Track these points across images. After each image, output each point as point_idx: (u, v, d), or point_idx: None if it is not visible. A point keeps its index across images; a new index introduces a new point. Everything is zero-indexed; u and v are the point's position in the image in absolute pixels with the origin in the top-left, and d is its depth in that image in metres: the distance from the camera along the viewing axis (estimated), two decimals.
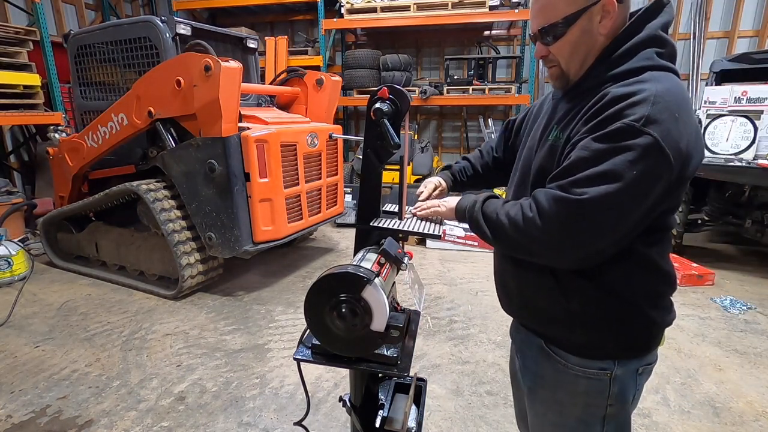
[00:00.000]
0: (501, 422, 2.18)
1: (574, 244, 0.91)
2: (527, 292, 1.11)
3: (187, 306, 3.48)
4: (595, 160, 0.87)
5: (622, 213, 0.86)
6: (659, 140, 0.83)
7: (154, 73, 3.33)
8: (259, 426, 2.16)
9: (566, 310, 1.02)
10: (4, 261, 3.88)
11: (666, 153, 0.84)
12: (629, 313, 1.01)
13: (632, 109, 0.85)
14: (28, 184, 6.06)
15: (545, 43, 1.01)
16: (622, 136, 0.85)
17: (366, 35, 8.01)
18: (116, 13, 7.46)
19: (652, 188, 0.86)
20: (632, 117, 0.84)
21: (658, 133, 0.83)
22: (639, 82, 0.89)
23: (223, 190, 3.28)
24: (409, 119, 1.27)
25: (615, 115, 0.86)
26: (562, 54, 1.01)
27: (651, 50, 0.94)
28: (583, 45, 0.98)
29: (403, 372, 1.04)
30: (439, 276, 4.10)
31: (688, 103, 0.90)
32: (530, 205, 0.95)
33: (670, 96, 0.87)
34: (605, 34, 0.96)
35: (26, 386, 2.47)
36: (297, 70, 4.38)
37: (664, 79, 0.90)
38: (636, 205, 0.87)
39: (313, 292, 0.98)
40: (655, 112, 0.84)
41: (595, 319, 1.01)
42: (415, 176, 6.26)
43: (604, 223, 0.87)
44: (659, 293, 1.04)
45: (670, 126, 0.84)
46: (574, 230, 0.89)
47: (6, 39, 4.64)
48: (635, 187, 0.85)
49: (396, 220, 1.27)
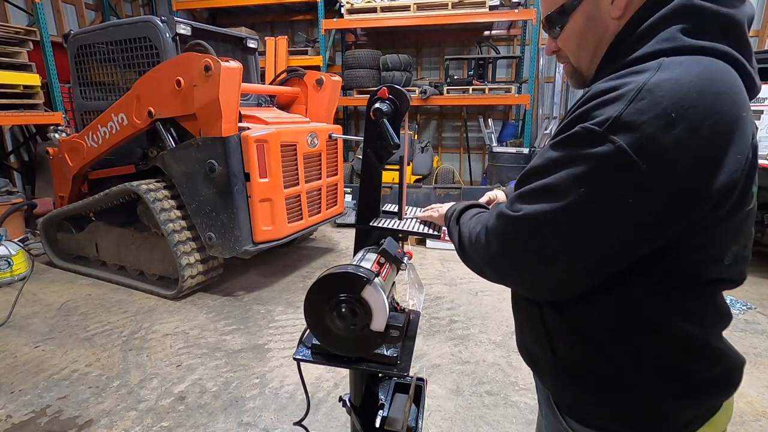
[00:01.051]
0: (501, 422, 2.18)
1: (513, 266, 0.77)
2: (523, 330, 0.96)
3: (187, 306, 3.48)
4: (544, 171, 0.72)
5: (567, 239, 0.69)
6: (626, 150, 0.62)
7: (154, 73, 3.33)
8: (259, 426, 2.16)
9: (552, 357, 0.85)
10: (4, 261, 3.88)
11: (638, 167, 0.62)
12: (623, 380, 0.78)
13: (602, 109, 0.66)
14: (28, 184, 6.06)
15: (553, 36, 0.87)
16: (577, 143, 0.67)
17: (366, 35, 8.01)
18: (116, 13, 7.46)
19: (612, 211, 0.65)
20: (596, 119, 0.65)
21: (627, 140, 0.62)
22: (635, 72, 0.68)
23: (223, 190, 3.28)
24: (409, 119, 1.27)
25: (579, 117, 0.69)
26: (568, 47, 0.85)
27: (675, 27, 0.70)
28: (590, 34, 0.80)
29: (403, 372, 1.04)
30: (439, 276, 4.10)
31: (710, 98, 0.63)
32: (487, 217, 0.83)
33: (673, 89, 0.63)
34: (619, 18, 0.75)
35: (26, 386, 2.47)
36: (297, 70, 4.38)
37: (680, 66, 0.65)
38: (589, 232, 0.67)
39: (313, 292, 0.98)
40: (632, 112, 0.63)
41: (582, 375, 0.81)
42: (415, 176, 6.26)
43: (545, 248, 0.71)
44: (677, 366, 0.76)
45: (654, 130, 0.62)
46: (511, 251, 0.75)
47: (6, 39, 4.64)
48: (582, 209, 0.66)
49: (396, 220, 1.27)
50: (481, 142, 7.59)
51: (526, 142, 6.46)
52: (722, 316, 0.79)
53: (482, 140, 7.29)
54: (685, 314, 0.74)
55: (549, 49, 0.90)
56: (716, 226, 0.68)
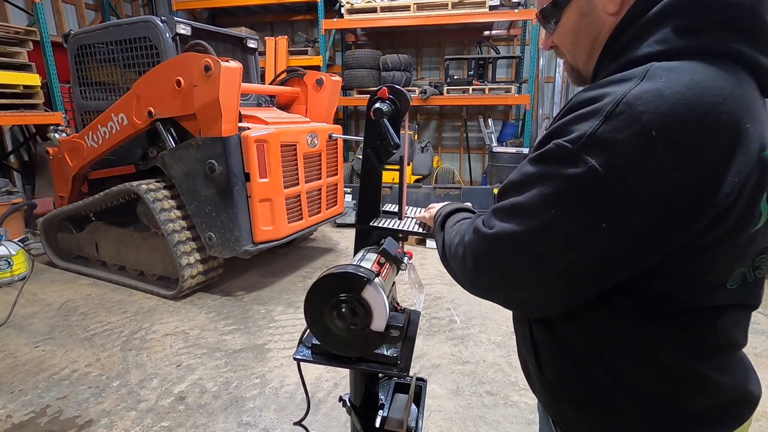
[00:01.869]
0: (501, 422, 2.18)
1: (488, 284, 0.75)
2: (518, 342, 0.94)
3: (187, 306, 3.48)
4: (518, 187, 0.68)
5: (537, 262, 0.65)
6: (598, 170, 0.57)
7: (154, 73, 3.33)
8: (259, 426, 2.16)
9: (539, 374, 0.84)
10: (4, 261, 3.88)
11: (611, 189, 0.57)
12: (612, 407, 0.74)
13: (578, 124, 0.61)
14: (28, 184, 6.05)
15: (549, 30, 0.82)
16: (549, 160, 0.64)
17: (366, 35, 8.01)
18: (116, 13, 7.46)
19: (583, 235, 0.61)
20: (571, 135, 0.61)
21: (600, 160, 0.57)
22: (618, 81, 0.62)
23: (223, 190, 3.28)
24: (409, 119, 1.27)
25: (555, 132, 0.65)
26: (564, 44, 0.80)
27: (668, 27, 0.62)
28: (585, 31, 0.74)
29: (403, 372, 1.04)
30: (439, 276, 4.10)
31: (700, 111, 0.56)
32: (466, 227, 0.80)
33: (655, 102, 0.56)
34: (616, 14, 0.69)
35: (26, 386, 2.47)
36: (297, 70, 4.38)
37: (667, 74, 0.58)
38: (558, 255, 0.64)
39: (313, 292, 0.98)
40: (608, 129, 0.57)
41: (570, 397, 0.79)
42: (415, 176, 6.26)
43: (515, 269, 0.68)
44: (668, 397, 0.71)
45: (631, 150, 0.56)
46: (485, 269, 0.73)
47: (6, 39, 4.63)
48: (551, 231, 0.63)
49: (396, 220, 1.27)
50: (481, 142, 7.59)
51: (526, 142, 6.47)
52: (726, 345, 0.72)
53: (482, 140, 7.29)
54: (677, 342, 0.69)
55: (546, 44, 0.85)
56: (710, 251, 0.62)
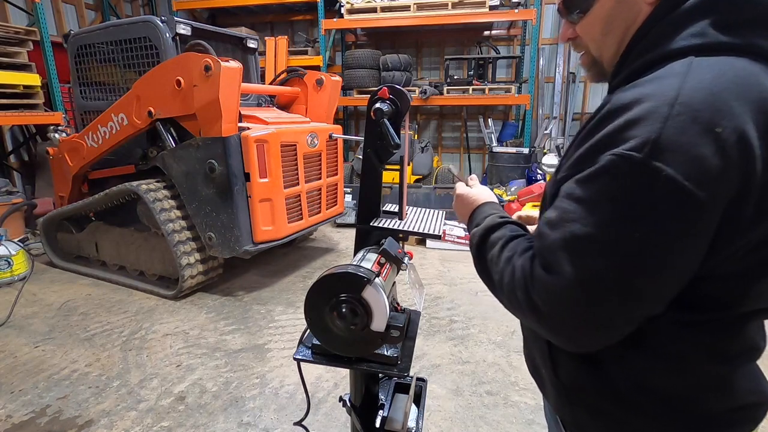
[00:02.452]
0: (501, 422, 2.18)
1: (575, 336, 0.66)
2: (529, 345, 0.90)
3: (187, 306, 3.48)
4: (578, 218, 0.60)
5: (631, 292, 0.60)
6: (675, 178, 0.53)
7: (154, 73, 3.32)
8: (259, 426, 2.16)
9: (554, 380, 0.80)
10: (4, 261, 3.88)
11: (694, 195, 0.53)
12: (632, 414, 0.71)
13: (632, 130, 0.56)
14: (28, 184, 6.05)
15: (571, 20, 0.76)
16: (612, 175, 0.57)
17: (366, 35, 8.01)
18: (116, 13, 7.46)
19: (678, 250, 0.57)
20: (630, 144, 0.55)
21: (674, 166, 0.53)
22: (656, 79, 0.59)
23: (223, 190, 3.28)
24: (409, 119, 1.27)
25: (606, 141, 0.58)
26: (591, 34, 0.74)
27: (706, 20, 0.60)
28: (619, 19, 0.69)
29: (403, 372, 1.04)
30: (439, 276, 4.10)
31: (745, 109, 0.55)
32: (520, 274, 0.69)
33: (704, 98, 0.54)
34: (653, 2, 0.65)
35: (26, 386, 2.47)
36: (297, 70, 4.38)
37: (708, 69, 0.57)
38: (653, 278, 0.58)
39: (313, 292, 0.98)
40: (671, 130, 0.53)
41: (586, 404, 0.76)
42: (415, 176, 6.26)
43: (606, 310, 0.61)
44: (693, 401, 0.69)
45: (700, 150, 0.53)
46: (569, 322, 0.64)
47: (6, 39, 4.63)
48: (643, 256, 0.57)
49: (396, 220, 1.27)
50: (481, 142, 7.59)
51: (526, 142, 6.47)
52: (751, 349, 0.71)
53: (482, 140, 7.29)
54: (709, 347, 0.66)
55: (564, 35, 0.79)
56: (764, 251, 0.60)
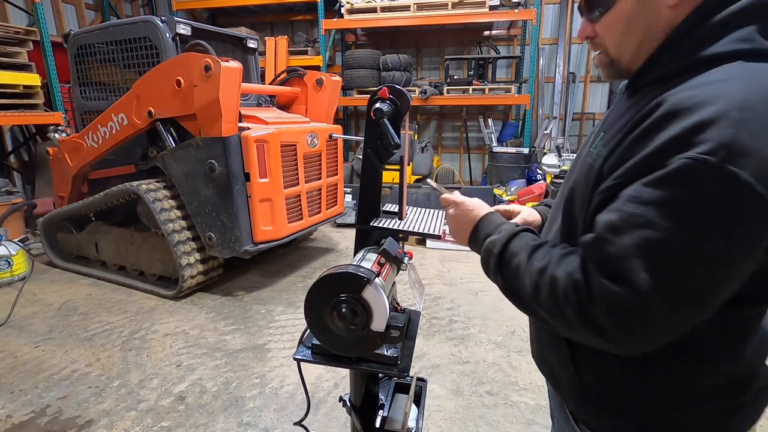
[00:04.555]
0: (501, 422, 2.18)
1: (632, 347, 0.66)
2: (542, 344, 0.91)
3: (187, 306, 3.48)
4: (650, 223, 0.58)
5: (705, 300, 0.61)
6: (751, 183, 0.53)
7: (154, 73, 3.33)
8: (259, 426, 2.16)
9: (575, 380, 0.80)
10: (4, 261, 3.88)
11: (765, 201, 0.54)
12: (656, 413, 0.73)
13: (703, 134, 0.55)
14: (28, 184, 6.05)
15: (591, 19, 0.77)
16: (689, 180, 0.56)
17: (366, 35, 8.00)
18: (116, 13, 7.46)
19: (750, 254, 0.59)
20: (703, 147, 0.55)
21: (750, 171, 0.53)
22: (714, 82, 0.60)
23: (223, 190, 3.28)
24: (409, 119, 1.27)
25: (673, 144, 0.58)
26: (610, 33, 0.75)
27: (753, 27, 0.62)
28: (639, 22, 0.71)
29: (403, 372, 1.04)
30: (439, 276, 4.10)
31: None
32: (566, 287, 0.67)
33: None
34: (674, 7, 0.68)
35: (26, 386, 2.47)
36: (297, 70, 4.38)
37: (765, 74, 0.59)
38: (725, 284, 0.60)
39: (313, 292, 0.98)
40: (745, 136, 0.54)
41: (609, 405, 0.78)
42: (415, 176, 6.26)
43: (677, 320, 0.62)
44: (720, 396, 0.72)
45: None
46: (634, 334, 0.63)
47: (6, 39, 4.63)
48: (721, 264, 0.58)
49: (396, 220, 1.27)
50: (481, 142, 7.59)
51: (526, 142, 6.47)
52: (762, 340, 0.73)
53: (482, 140, 7.29)
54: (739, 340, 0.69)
55: (583, 33, 0.80)
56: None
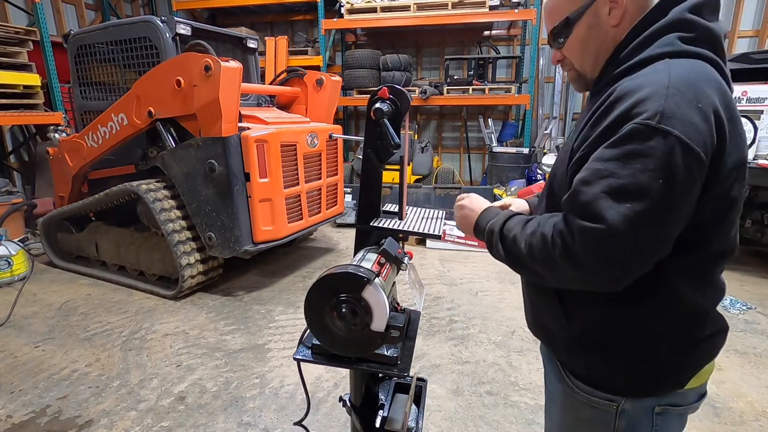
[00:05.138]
0: (501, 422, 2.18)
1: (609, 276, 0.79)
2: (537, 309, 1.07)
3: (187, 306, 3.48)
4: (612, 173, 0.76)
5: (659, 228, 0.76)
6: (682, 137, 0.73)
7: (154, 73, 3.33)
8: (259, 426, 2.16)
9: (567, 332, 0.95)
10: (4, 261, 3.88)
11: (694, 150, 0.73)
12: (634, 349, 0.90)
13: (643, 105, 0.75)
14: (28, 184, 6.05)
15: (557, 46, 0.98)
16: (636, 139, 0.75)
17: (366, 35, 8.00)
18: (116, 13, 7.46)
19: (687, 193, 0.76)
20: (645, 115, 0.74)
21: (679, 128, 0.73)
22: (648, 73, 0.81)
23: (223, 190, 3.28)
24: (409, 119, 1.27)
25: (624, 116, 0.77)
26: (572, 54, 0.97)
27: (673, 35, 0.84)
28: (592, 41, 0.93)
29: (403, 372, 1.04)
30: (439, 276, 4.10)
31: (712, 92, 0.78)
32: (552, 236, 0.82)
33: (686, 84, 0.76)
34: (616, 26, 0.90)
35: (26, 386, 2.47)
36: (297, 70, 4.38)
37: (682, 66, 0.80)
38: (672, 216, 0.76)
39: (313, 292, 0.98)
40: (671, 104, 0.74)
41: (596, 347, 0.93)
42: (415, 176, 6.26)
43: (640, 244, 0.76)
44: (682, 331, 0.89)
45: (692, 118, 0.74)
46: (608, 262, 0.77)
47: (6, 39, 4.63)
48: (667, 197, 0.74)
49: (396, 220, 1.27)
50: (481, 142, 7.59)
51: (526, 142, 6.46)
52: (722, 286, 0.93)
53: (482, 140, 7.29)
54: (696, 285, 0.86)
55: (554, 58, 1.02)
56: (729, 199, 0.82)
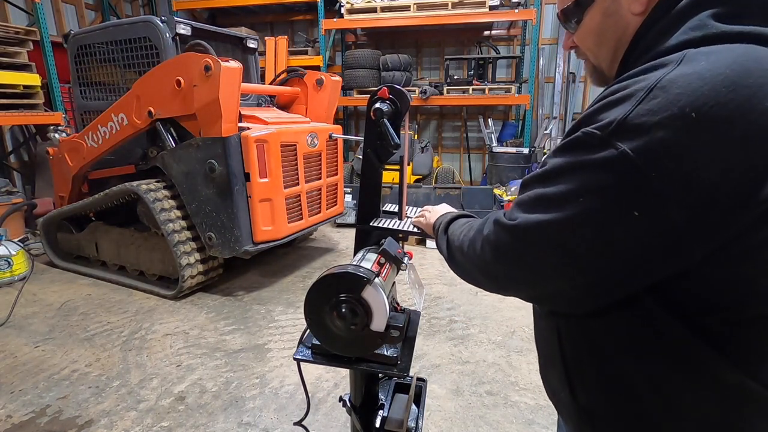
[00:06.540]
0: (501, 422, 2.18)
1: (510, 276, 0.73)
2: (546, 364, 0.87)
3: (187, 306, 3.48)
4: (544, 178, 0.66)
5: (564, 254, 0.62)
6: (629, 155, 0.54)
7: (154, 73, 3.32)
8: (259, 426, 2.16)
9: (572, 400, 0.77)
10: (4, 261, 3.87)
11: (643, 175, 0.53)
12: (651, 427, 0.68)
13: (608, 111, 0.58)
14: (28, 184, 6.05)
15: (570, 30, 0.80)
16: (577, 149, 0.61)
17: (366, 35, 8.01)
18: (116, 13, 7.45)
19: (614, 226, 0.57)
20: (600, 122, 0.58)
21: (632, 144, 0.54)
22: (652, 69, 0.59)
23: (223, 190, 3.28)
24: (409, 119, 1.27)
25: (583, 121, 0.62)
26: (586, 45, 0.79)
27: (706, 13, 0.60)
28: (609, 32, 0.73)
29: (403, 372, 1.04)
30: (439, 276, 4.10)
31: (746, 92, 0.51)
32: (481, 224, 0.79)
33: (694, 84, 0.52)
34: (641, 14, 0.67)
35: (26, 386, 2.47)
36: (297, 70, 4.38)
37: (707, 57, 0.55)
38: (587, 247, 0.60)
39: (313, 292, 0.98)
40: (642, 113, 0.54)
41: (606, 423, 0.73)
42: (415, 176, 6.26)
43: (540, 260, 0.66)
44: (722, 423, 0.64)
45: (667, 134, 0.52)
46: (506, 261, 0.71)
47: (6, 39, 4.63)
48: (581, 221, 0.59)
49: (396, 220, 1.27)
50: (481, 142, 7.59)
51: (526, 142, 6.46)
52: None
53: (482, 140, 7.29)
54: (730, 357, 0.60)
55: (566, 44, 0.83)
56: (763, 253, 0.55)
